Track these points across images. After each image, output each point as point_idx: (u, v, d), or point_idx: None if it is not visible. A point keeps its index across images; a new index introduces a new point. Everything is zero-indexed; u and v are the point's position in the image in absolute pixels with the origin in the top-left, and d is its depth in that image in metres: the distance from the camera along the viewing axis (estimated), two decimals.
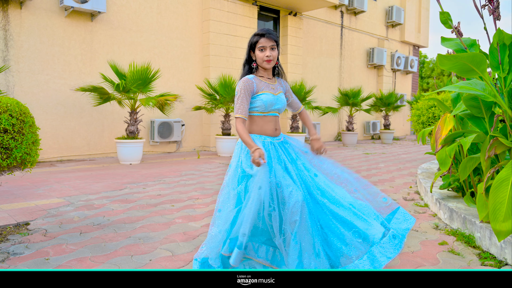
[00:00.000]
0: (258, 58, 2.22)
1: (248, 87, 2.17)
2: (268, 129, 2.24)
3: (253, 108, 2.22)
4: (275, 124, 2.27)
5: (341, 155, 9.31)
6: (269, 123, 2.24)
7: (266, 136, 2.22)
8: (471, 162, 3.10)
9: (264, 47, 2.20)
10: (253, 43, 2.23)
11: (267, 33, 2.20)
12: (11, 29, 7.07)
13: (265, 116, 2.23)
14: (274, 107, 2.23)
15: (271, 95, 2.21)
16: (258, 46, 2.21)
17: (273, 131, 2.25)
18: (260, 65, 2.25)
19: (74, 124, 7.92)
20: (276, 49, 2.23)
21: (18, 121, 2.74)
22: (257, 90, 2.20)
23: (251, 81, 2.19)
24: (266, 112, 2.22)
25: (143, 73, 7.16)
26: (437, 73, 31.37)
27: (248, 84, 2.18)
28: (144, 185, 5.05)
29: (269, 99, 2.20)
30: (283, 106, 2.30)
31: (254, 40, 2.23)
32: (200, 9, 9.87)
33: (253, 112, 2.23)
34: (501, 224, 2.23)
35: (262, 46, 2.19)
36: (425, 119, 5.59)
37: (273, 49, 2.22)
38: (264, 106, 2.19)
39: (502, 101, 2.67)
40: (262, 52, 2.20)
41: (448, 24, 3.21)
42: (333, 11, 13.65)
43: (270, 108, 2.22)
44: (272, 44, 2.20)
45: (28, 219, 3.43)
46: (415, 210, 3.90)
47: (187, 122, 9.71)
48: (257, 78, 2.23)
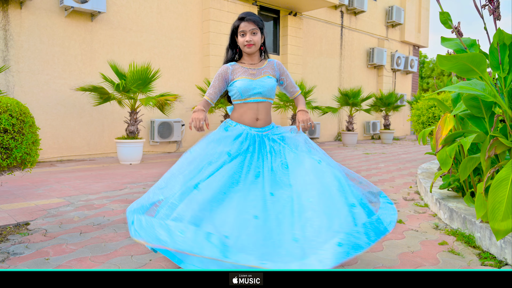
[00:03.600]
0: (239, 43, 2.17)
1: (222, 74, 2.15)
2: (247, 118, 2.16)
3: (232, 96, 2.18)
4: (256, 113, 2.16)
5: (341, 155, 9.31)
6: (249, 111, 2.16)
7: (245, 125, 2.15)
8: (471, 162, 3.10)
9: (244, 32, 2.14)
10: (235, 28, 2.18)
11: (246, 17, 2.13)
12: (11, 29, 7.07)
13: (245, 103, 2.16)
14: (252, 92, 2.14)
15: (247, 80, 2.14)
16: (239, 31, 2.15)
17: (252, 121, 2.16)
18: (243, 50, 2.19)
19: (74, 124, 7.92)
20: (258, 33, 2.16)
21: (18, 121, 2.74)
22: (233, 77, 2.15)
23: (227, 67, 2.16)
24: (244, 98, 2.15)
25: (143, 73, 7.16)
26: (437, 73, 31.38)
27: (223, 70, 2.16)
28: (144, 185, 5.05)
29: (243, 84, 2.12)
30: (267, 90, 2.18)
31: (235, 25, 2.17)
32: (200, 9, 9.87)
33: (234, 100, 2.20)
34: (500, 223, 2.24)
35: (243, 31, 2.14)
36: (425, 119, 5.59)
37: (255, 33, 2.15)
38: (239, 93, 2.13)
39: (502, 101, 2.67)
40: (242, 37, 2.15)
41: (448, 24, 3.21)
42: (333, 11, 13.65)
43: (248, 94, 2.14)
44: (253, 28, 2.13)
45: (28, 219, 3.43)
46: (415, 210, 3.90)
47: (187, 122, 9.71)
48: (236, 65, 2.18)
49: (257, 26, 2.15)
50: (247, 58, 2.23)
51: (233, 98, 2.19)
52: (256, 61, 2.25)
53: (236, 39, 2.21)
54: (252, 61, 2.23)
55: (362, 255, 2.62)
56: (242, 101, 2.17)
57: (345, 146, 12.11)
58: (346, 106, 12.30)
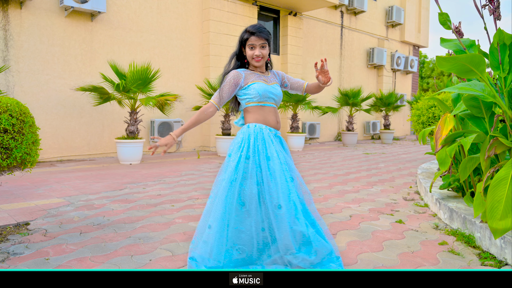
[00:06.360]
0: (247, 55, 2.19)
1: (235, 79, 2.15)
2: (271, 120, 2.21)
3: (248, 99, 2.18)
4: (275, 116, 2.24)
5: (341, 155, 9.31)
6: (270, 114, 2.21)
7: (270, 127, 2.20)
8: (471, 162, 3.10)
9: (254, 45, 2.16)
10: (244, 40, 2.20)
11: (257, 32, 2.15)
12: (11, 29, 7.07)
13: (263, 106, 2.19)
14: (269, 95, 2.19)
15: (263, 84, 2.18)
16: (248, 44, 2.17)
17: (275, 123, 2.23)
18: (250, 62, 2.22)
19: (74, 124, 7.92)
20: (266, 47, 2.19)
21: (18, 121, 2.74)
22: (246, 82, 2.18)
23: (240, 73, 2.17)
24: (262, 102, 2.18)
25: (143, 73, 7.16)
26: (437, 73, 31.38)
27: (235, 75, 2.16)
28: (144, 185, 5.05)
29: (262, 87, 2.16)
30: (279, 96, 2.26)
31: (244, 37, 2.19)
32: (200, 9, 9.87)
33: (250, 103, 2.19)
34: (498, 222, 2.24)
35: (252, 44, 2.16)
36: (425, 119, 5.59)
37: (264, 47, 2.18)
38: (258, 95, 2.15)
39: (501, 102, 2.67)
40: (251, 50, 2.17)
41: (447, 25, 3.21)
42: (333, 11, 13.65)
43: (266, 97, 2.18)
44: (263, 42, 2.16)
45: (28, 219, 3.43)
46: (415, 210, 3.90)
47: (187, 122, 9.70)
48: (247, 71, 2.21)
49: (267, 41, 2.19)
50: (255, 68, 2.26)
51: (248, 101, 2.19)
52: (263, 70, 2.30)
53: (243, 49, 2.23)
54: (261, 70, 2.28)
55: (362, 255, 2.62)
56: (260, 103, 2.19)
57: (345, 146, 12.11)
58: (346, 106, 12.30)
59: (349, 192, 4.76)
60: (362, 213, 3.77)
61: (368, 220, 3.50)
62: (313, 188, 5.03)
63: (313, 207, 2.19)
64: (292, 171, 2.17)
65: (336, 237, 3.03)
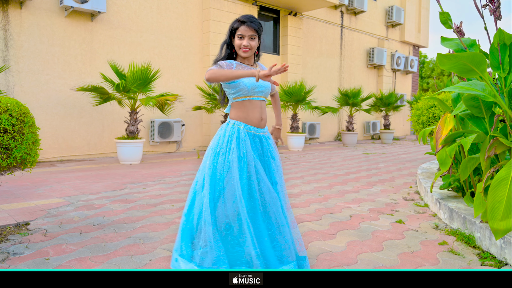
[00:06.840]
0: (235, 45, 2.16)
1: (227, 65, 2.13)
2: (254, 117, 2.17)
3: (236, 93, 2.16)
4: (260, 112, 2.19)
5: (341, 155, 9.31)
6: (255, 109, 2.17)
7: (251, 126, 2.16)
8: (471, 162, 3.10)
9: (242, 36, 2.13)
10: (234, 29, 2.17)
11: (248, 21, 2.13)
12: (11, 29, 7.07)
13: (250, 100, 2.16)
14: (258, 89, 2.17)
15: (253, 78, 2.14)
16: (237, 33, 2.14)
17: (258, 120, 2.18)
18: (237, 52, 2.19)
19: (74, 124, 7.92)
20: (256, 39, 2.16)
21: (18, 121, 2.74)
22: None
23: (230, 63, 2.15)
24: (250, 95, 2.16)
25: (143, 73, 7.16)
26: (437, 73, 31.38)
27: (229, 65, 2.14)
28: (144, 185, 5.05)
29: (251, 81, 2.13)
30: (267, 89, 2.23)
31: (234, 26, 2.16)
32: (200, 9, 9.87)
33: (237, 98, 2.17)
34: (499, 222, 2.24)
35: (241, 34, 2.13)
36: (425, 119, 5.59)
37: (253, 38, 2.15)
38: (247, 89, 2.13)
39: (502, 101, 2.67)
40: (240, 40, 2.14)
41: (448, 25, 3.21)
42: (333, 11, 13.65)
43: (254, 91, 2.16)
44: (252, 33, 2.13)
45: (28, 219, 3.43)
46: (415, 210, 3.90)
47: (187, 122, 9.71)
48: (237, 63, 2.18)
49: (256, 33, 2.16)
50: (244, 59, 2.24)
51: (236, 96, 2.16)
52: (252, 62, 2.27)
53: (232, 39, 2.21)
54: (249, 62, 2.25)
55: (362, 255, 2.62)
56: (247, 98, 2.16)
57: (345, 146, 12.11)
58: (346, 106, 12.30)
59: (349, 192, 4.76)
60: (362, 213, 3.77)
61: (368, 220, 3.50)
62: (313, 188, 5.03)
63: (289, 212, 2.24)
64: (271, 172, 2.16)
65: (336, 237, 3.03)
